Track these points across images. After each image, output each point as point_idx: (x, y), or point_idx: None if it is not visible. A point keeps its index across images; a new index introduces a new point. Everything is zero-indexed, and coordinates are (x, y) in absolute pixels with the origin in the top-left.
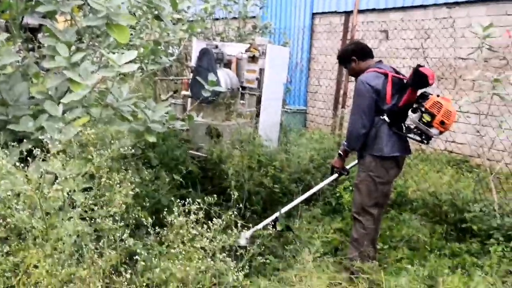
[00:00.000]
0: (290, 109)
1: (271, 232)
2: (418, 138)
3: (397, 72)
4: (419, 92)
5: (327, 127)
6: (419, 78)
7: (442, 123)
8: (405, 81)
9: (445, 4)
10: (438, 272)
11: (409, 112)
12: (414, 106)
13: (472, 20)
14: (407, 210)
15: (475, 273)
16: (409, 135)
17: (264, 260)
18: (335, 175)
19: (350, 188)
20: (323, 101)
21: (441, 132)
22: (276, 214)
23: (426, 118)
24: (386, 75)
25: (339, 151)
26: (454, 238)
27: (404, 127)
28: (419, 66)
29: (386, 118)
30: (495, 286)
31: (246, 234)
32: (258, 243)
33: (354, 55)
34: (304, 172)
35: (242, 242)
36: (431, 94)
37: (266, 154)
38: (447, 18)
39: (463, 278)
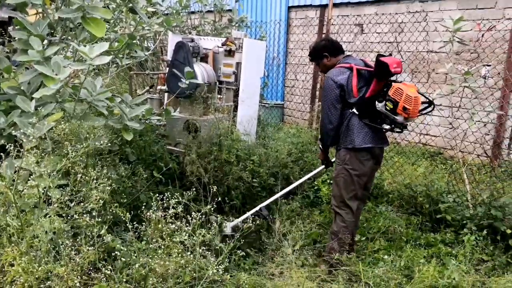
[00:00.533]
0: (268, 103)
1: (250, 225)
2: (387, 127)
3: (367, 65)
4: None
5: (304, 121)
6: (380, 67)
7: (404, 108)
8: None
9: None
10: (414, 262)
11: (376, 102)
12: (381, 95)
13: (444, 14)
14: (384, 202)
15: (449, 262)
16: (382, 125)
17: (244, 254)
18: (322, 166)
19: (328, 181)
20: (300, 95)
21: (406, 119)
22: (261, 205)
23: (389, 105)
24: (351, 68)
25: (319, 145)
26: (429, 229)
27: (378, 118)
28: (379, 55)
29: (355, 111)
30: (468, 274)
31: (231, 223)
32: (237, 236)
33: (325, 51)
34: (282, 166)
35: (228, 231)
36: (396, 82)
37: (244, 148)
38: (420, 12)
39: (437, 267)
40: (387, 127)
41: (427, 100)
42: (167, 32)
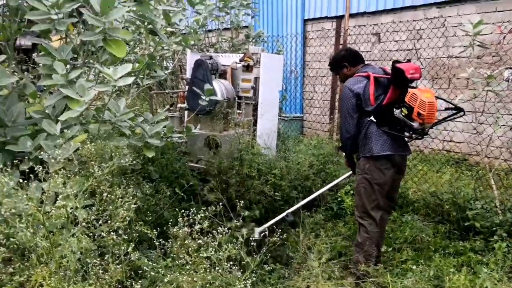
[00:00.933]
0: (287, 116)
1: (276, 239)
2: (406, 134)
3: (386, 73)
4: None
5: (325, 133)
6: (396, 74)
7: (418, 114)
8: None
9: (435, 3)
10: (443, 271)
11: (394, 109)
12: (398, 102)
13: (463, 19)
14: (409, 211)
15: (480, 271)
16: (401, 133)
17: (270, 269)
18: (349, 173)
19: (351, 192)
20: (319, 107)
21: (421, 124)
22: (288, 211)
23: (404, 111)
24: (368, 77)
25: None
26: (457, 237)
27: (397, 126)
28: (395, 62)
29: (373, 118)
30: (501, 282)
31: (259, 229)
32: (263, 251)
33: (345, 61)
34: (304, 178)
35: (256, 236)
36: (414, 88)
37: (265, 162)
38: (438, 17)
39: (469, 276)
40: (407, 134)
41: (454, 106)
42: (185, 50)
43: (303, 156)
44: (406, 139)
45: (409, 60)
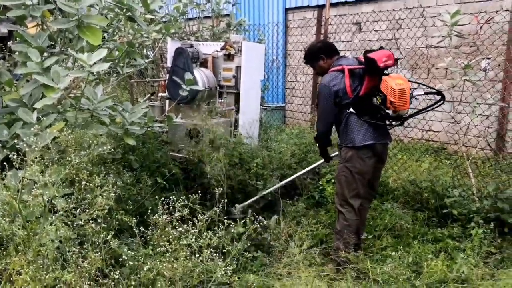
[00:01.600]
0: (269, 106)
1: (257, 227)
2: (387, 122)
3: (361, 63)
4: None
5: (306, 123)
6: (368, 64)
7: (390, 102)
8: None
9: None
10: (422, 257)
11: (373, 99)
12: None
13: (441, 9)
14: (389, 199)
15: (457, 256)
16: (381, 121)
17: (252, 256)
18: (321, 160)
19: (333, 181)
20: (301, 96)
21: (394, 112)
22: (263, 192)
23: (378, 99)
24: (343, 70)
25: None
26: (435, 224)
27: (377, 114)
28: (366, 51)
29: (352, 110)
30: (477, 267)
31: (238, 207)
32: (244, 238)
33: (322, 53)
34: (286, 167)
35: (235, 213)
36: (386, 75)
37: (247, 151)
38: (417, 7)
39: (446, 261)
40: (383, 123)
41: (436, 90)
42: (165, 39)
43: (285, 146)
44: (388, 126)
45: (381, 48)
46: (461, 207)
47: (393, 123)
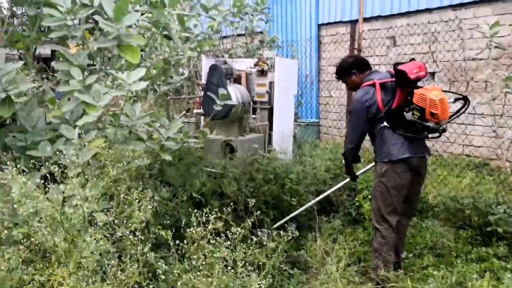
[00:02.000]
0: (303, 122)
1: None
2: (423, 135)
3: (392, 76)
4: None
5: (342, 138)
6: (398, 76)
7: (432, 114)
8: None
9: (450, 6)
10: (466, 277)
11: (404, 113)
12: (406, 105)
13: (479, 21)
14: (429, 216)
15: (504, 276)
16: (417, 134)
17: (288, 273)
18: (347, 179)
19: (369, 197)
20: (335, 112)
21: (437, 123)
22: (295, 212)
23: (416, 113)
24: (374, 85)
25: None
26: (479, 242)
27: (412, 127)
28: (396, 64)
29: (386, 123)
30: None
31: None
32: (279, 251)
33: (354, 68)
34: (321, 182)
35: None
36: (418, 88)
37: (281, 166)
38: (454, 19)
39: (492, 282)
40: (423, 135)
41: (461, 96)
42: (200, 56)
43: (320, 161)
44: (426, 140)
45: (412, 59)
46: (507, 225)
47: (429, 135)
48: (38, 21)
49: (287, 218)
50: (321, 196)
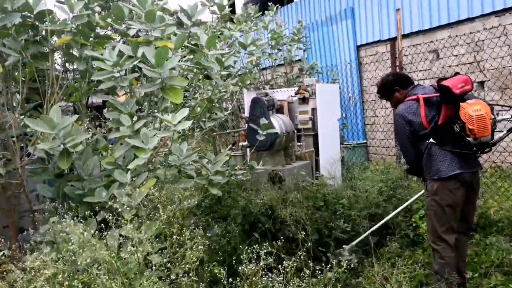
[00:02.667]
0: (350, 144)
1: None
2: (467, 150)
3: (437, 91)
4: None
5: (391, 157)
6: (443, 93)
7: (470, 130)
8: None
9: (493, 13)
10: None
11: (454, 127)
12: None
13: None
14: (493, 232)
15: None
16: (464, 150)
17: None
18: (421, 193)
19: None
20: (382, 131)
21: (475, 139)
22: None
23: (457, 128)
24: (418, 100)
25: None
26: None
27: (461, 142)
28: (440, 79)
29: (432, 140)
30: None
31: (348, 246)
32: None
33: (396, 85)
34: (374, 206)
35: (346, 255)
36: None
37: (331, 192)
38: (498, 26)
39: None
40: (468, 151)
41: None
42: (242, 90)
43: (371, 183)
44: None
45: (457, 73)
46: None
47: (479, 151)
48: (88, 75)
49: (361, 237)
50: (399, 209)
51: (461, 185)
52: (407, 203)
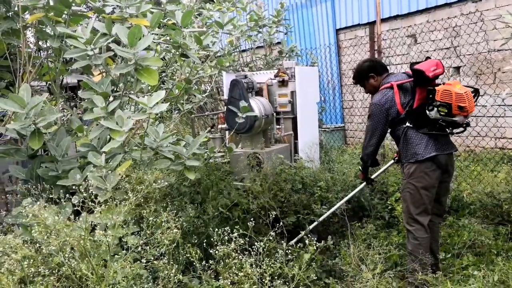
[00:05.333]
0: (328, 127)
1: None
2: (448, 131)
3: (411, 77)
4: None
5: None
6: (416, 76)
7: (460, 108)
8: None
9: None
10: (509, 276)
11: (427, 112)
12: (428, 103)
13: (501, 11)
14: (465, 214)
15: None
16: (442, 131)
17: (324, 282)
18: (363, 184)
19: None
20: (360, 115)
21: (466, 117)
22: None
23: (443, 110)
24: (391, 87)
25: (360, 166)
26: None
27: (436, 125)
28: (412, 64)
29: (409, 124)
30: None
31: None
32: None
33: (371, 71)
34: (351, 188)
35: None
36: (438, 85)
37: (309, 175)
38: (475, 12)
39: None
40: (448, 131)
41: (472, 88)
42: (221, 72)
43: (348, 166)
44: (450, 136)
45: (428, 58)
46: None
47: (454, 130)
48: (62, 53)
49: (309, 228)
50: (336, 206)
51: (437, 167)
52: (353, 192)
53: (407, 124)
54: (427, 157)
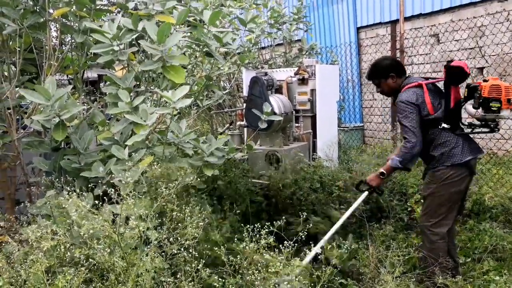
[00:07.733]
0: (347, 127)
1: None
2: (486, 130)
3: (427, 79)
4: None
5: (388, 141)
6: (457, 73)
7: (509, 101)
8: (439, 83)
9: None
10: None
11: (468, 110)
12: (469, 101)
13: None
14: (487, 218)
15: None
16: (476, 130)
17: (341, 283)
18: (366, 193)
19: (422, 201)
20: (380, 114)
21: None
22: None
23: (495, 105)
24: (420, 86)
25: (382, 170)
26: None
27: (467, 127)
28: (449, 61)
29: (445, 125)
30: None
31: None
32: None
33: (393, 71)
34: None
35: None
36: (479, 83)
37: (328, 174)
38: (501, 12)
39: None
40: (487, 130)
41: None
42: (241, 69)
43: (367, 166)
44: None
45: (451, 60)
46: None
47: (495, 129)
48: (86, 48)
49: (326, 237)
50: (339, 222)
51: (469, 173)
52: (356, 203)
53: (443, 125)
54: (465, 160)
